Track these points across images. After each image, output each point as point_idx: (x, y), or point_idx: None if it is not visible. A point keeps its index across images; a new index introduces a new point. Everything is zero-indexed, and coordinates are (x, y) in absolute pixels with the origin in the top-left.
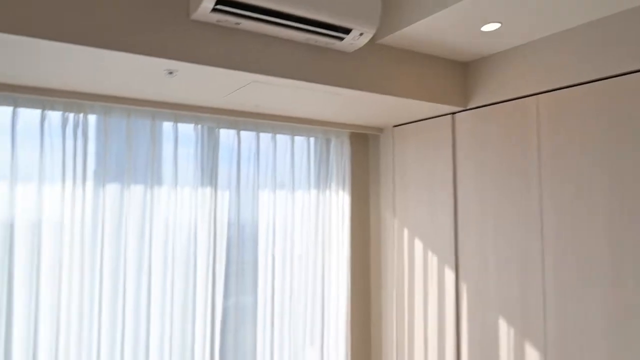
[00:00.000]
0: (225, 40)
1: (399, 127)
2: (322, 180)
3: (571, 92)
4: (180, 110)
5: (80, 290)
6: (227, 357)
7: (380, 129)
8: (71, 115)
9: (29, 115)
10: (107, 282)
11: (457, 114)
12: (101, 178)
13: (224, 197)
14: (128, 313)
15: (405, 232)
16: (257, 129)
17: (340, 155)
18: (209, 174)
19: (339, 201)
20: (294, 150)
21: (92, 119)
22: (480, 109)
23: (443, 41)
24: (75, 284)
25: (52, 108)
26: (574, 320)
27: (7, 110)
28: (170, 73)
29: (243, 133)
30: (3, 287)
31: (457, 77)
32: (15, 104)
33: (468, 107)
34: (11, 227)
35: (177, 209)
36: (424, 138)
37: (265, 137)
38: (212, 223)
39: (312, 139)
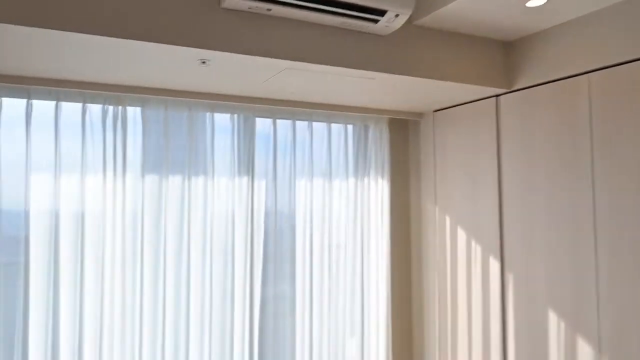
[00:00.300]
0: (257, 28)
1: (440, 111)
2: (360, 168)
3: (625, 69)
4: (216, 100)
5: (122, 279)
6: (266, 346)
7: (420, 114)
8: (110, 108)
9: (71, 109)
10: (148, 270)
11: (501, 96)
12: (140, 169)
13: (261, 186)
14: (168, 301)
15: (447, 220)
16: (293, 117)
17: (379, 142)
18: (246, 163)
19: (378, 189)
20: (331, 138)
21: (130, 111)
22: (526, 90)
23: (484, 20)
24: (117, 272)
25: (93, 101)
26: (630, 313)
27: (51, 104)
28: (204, 62)
29: (279, 121)
30: (50, 275)
31: (500, 58)
32: (58, 98)
33: (513, 89)
34: (56, 217)
35: (215, 198)
36: (466, 122)
37: (301, 125)
38: (250, 212)
39: (349, 126)
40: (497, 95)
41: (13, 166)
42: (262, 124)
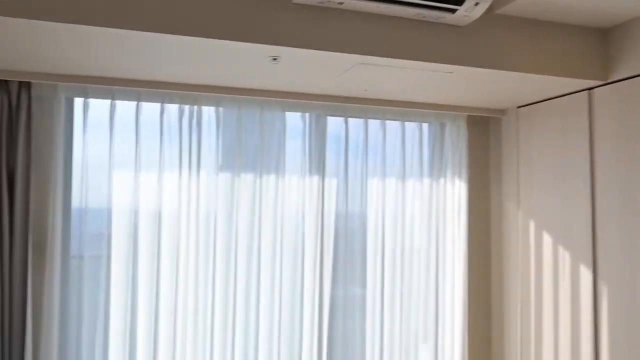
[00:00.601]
0: (328, 22)
1: (524, 107)
2: (436, 169)
3: None
4: (287, 99)
5: (195, 275)
6: (335, 348)
7: (502, 111)
8: (186, 108)
9: (150, 109)
10: (220, 267)
11: (594, 89)
12: (214, 168)
13: (332, 186)
14: (239, 298)
15: (532, 225)
16: (366, 115)
17: (457, 141)
18: (317, 162)
19: (455, 191)
20: (405, 137)
21: (205, 110)
22: (625, 81)
23: (576, 5)
24: (191, 268)
25: (170, 101)
26: None
27: (132, 104)
28: (274, 59)
29: (351, 120)
30: (129, 269)
31: (594, 46)
32: (139, 99)
33: (609, 81)
34: (136, 214)
35: (286, 198)
36: (554, 119)
37: (374, 123)
38: (320, 212)
39: (424, 125)
40: (590, 89)
41: (98, 166)
42: (334, 123)
